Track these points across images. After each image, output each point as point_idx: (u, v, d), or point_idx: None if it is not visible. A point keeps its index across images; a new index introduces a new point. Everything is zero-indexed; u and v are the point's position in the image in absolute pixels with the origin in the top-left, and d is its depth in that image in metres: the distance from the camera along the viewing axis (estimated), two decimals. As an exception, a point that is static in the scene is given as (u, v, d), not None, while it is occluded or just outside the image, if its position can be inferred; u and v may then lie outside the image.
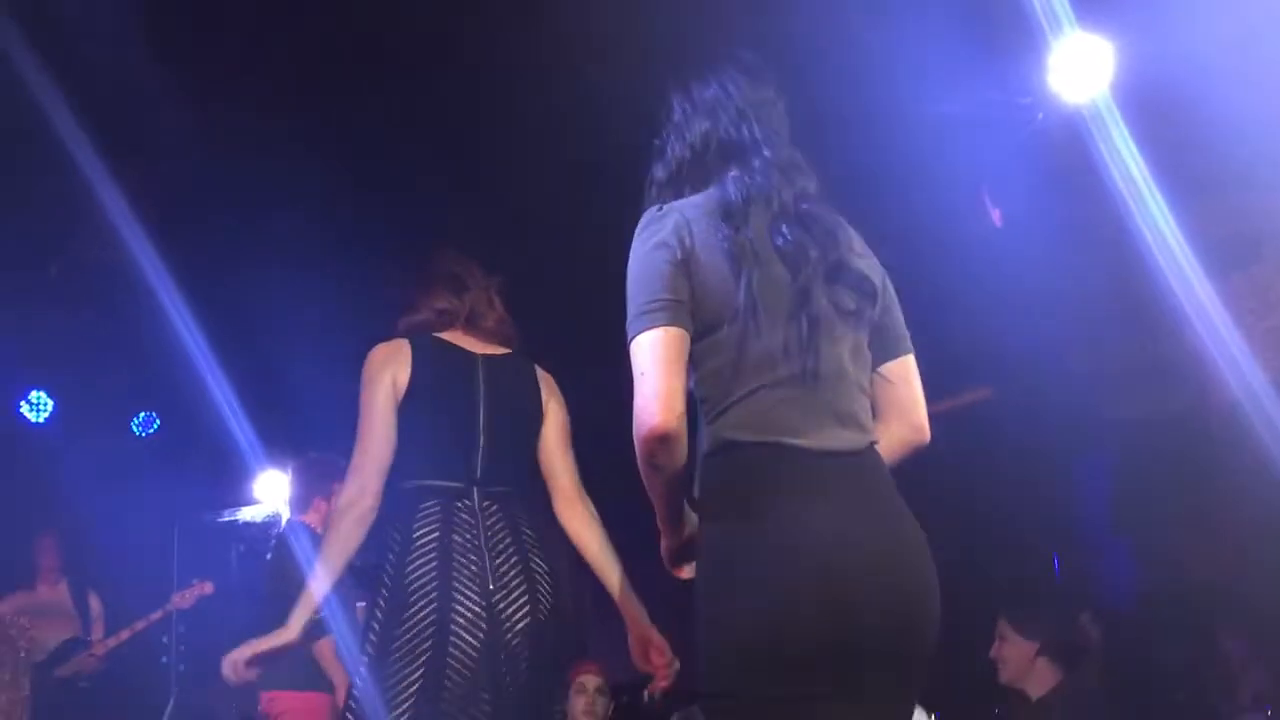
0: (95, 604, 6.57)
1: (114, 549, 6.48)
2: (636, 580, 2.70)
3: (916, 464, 2.05)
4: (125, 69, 4.03)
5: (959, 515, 5.72)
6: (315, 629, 4.22)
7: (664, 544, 2.09)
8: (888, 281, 2.06)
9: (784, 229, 1.93)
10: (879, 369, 2.02)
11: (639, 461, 1.88)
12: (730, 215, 1.93)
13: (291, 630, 2.64)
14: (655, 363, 1.84)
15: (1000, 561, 5.67)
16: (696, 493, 1.92)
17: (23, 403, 7.12)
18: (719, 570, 1.81)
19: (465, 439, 2.76)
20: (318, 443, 5.63)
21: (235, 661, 2.68)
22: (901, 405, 2.03)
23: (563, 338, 3.68)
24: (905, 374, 2.04)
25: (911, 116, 4.16)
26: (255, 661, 2.70)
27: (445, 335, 2.87)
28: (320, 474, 4.92)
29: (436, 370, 2.78)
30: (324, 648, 4.65)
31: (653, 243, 1.91)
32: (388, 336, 2.83)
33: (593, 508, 2.87)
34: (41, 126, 4.23)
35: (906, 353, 2.05)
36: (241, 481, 6.60)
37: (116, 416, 7.42)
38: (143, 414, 7.48)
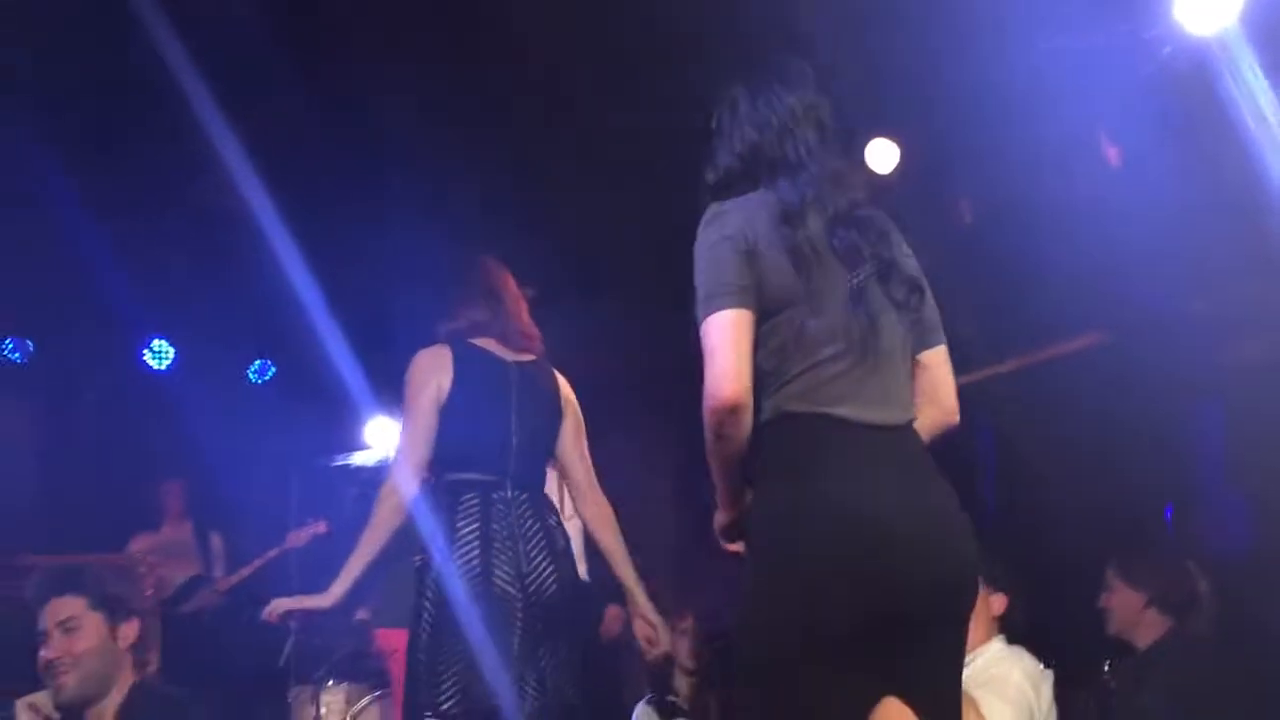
0: (217, 543, 6.83)
1: (234, 492, 6.71)
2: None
3: (1028, 412, 2.13)
4: (243, 15, 4.11)
5: (1072, 463, 5.62)
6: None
7: (721, 518, 2.23)
8: (924, 279, 2.26)
9: (840, 231, 2.12)
10: (917, 356, 2.21)
11: (707, 432, 2.06)
12: (789, 218, 2.10)
13: (331, 596, 3.08)
14: (724, 342, 2.03)
15: (1114, 510, 5.56)
16: (754, 462, 2.09)
17: (145, 351, 7.36)
18: (775, 529, 2.00)
19: (500, 438, 3.11)
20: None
21: (276, 609, 3.19)
22: (935, 390, 2.23)
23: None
24: (939, 361, 2.24)
25: (1031, 50, 4.04)
26: (293, 615, 3.30)
27: (480, 342, 3.20)
28: None
29: (475, 376, 3.14)
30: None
31: (719, 235, 2.09)
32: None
33: (605, 499, 3.27)
34: (161, 75, 4.33)
35: (940, 343, 2.25)
36: (354, 427, 6.75)
37: (234, 364, 7.63)
38: (259, 361, 7.69)
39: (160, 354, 7.38)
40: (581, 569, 3.70)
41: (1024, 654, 2.98)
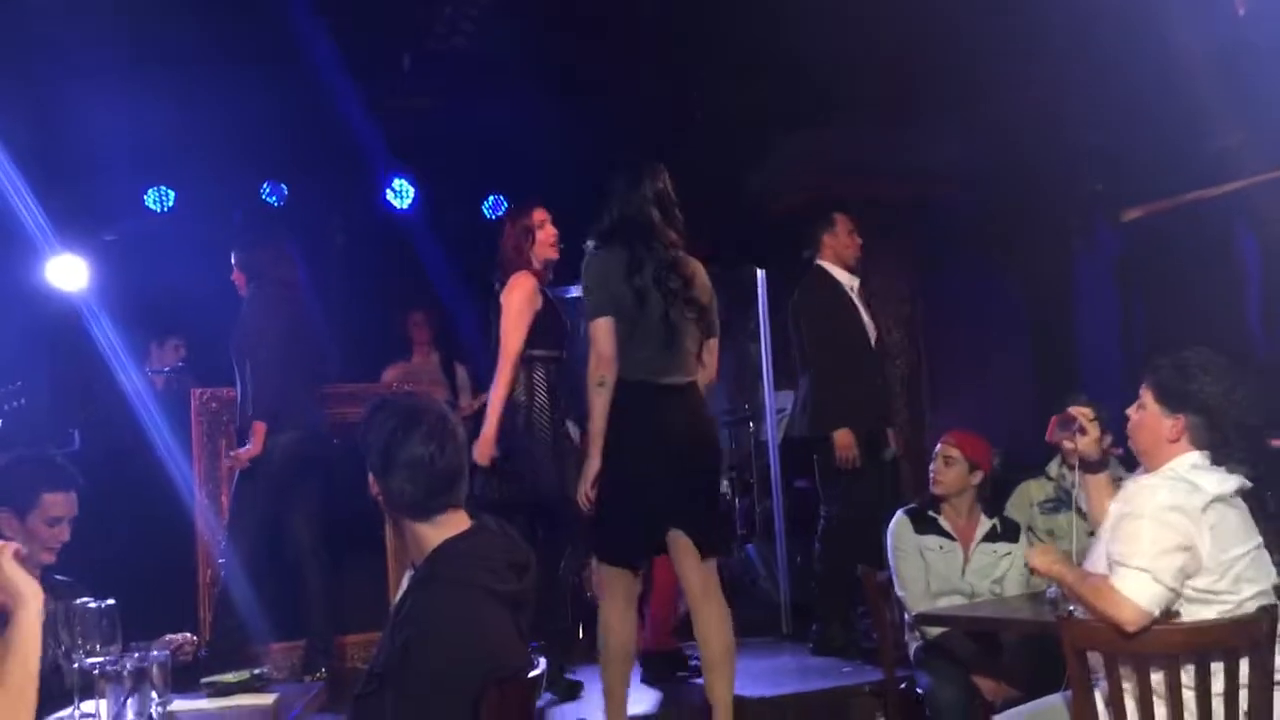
0: (462, 373, 7.21)
1: (476, 324, 7.01)
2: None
3: None
4: None
5: None
6: None
7: (595, 464, 3.86)
8: (714, 297, 4.10)
9: (663, 275, 3.90)
10: (705, 343, 4.05)
11: (590, 384, 3.86)
12: (632, 269, 3.87)
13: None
14: (603, 335, 3.85)
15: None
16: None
17: (388, 190, 7.68)
18: (623, 433, 3.82)
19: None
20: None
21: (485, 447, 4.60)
22: (709, 362, 4.09)
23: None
24: (712, 347, 4.11)
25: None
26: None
27: None
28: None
29: None
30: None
31: (601, 267, 3.91)
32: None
33: None
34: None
35: (714, 335, 4.11)
36: (579, 260, 6.89)
37: (468, 200, 7.87)
38: (491, 197, 7.90)
39: (401, 193, 7.68)
40: None
41: (1198, 476, 2.80)
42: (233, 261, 5.16)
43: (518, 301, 4.70)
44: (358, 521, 5.23)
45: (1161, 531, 2.69)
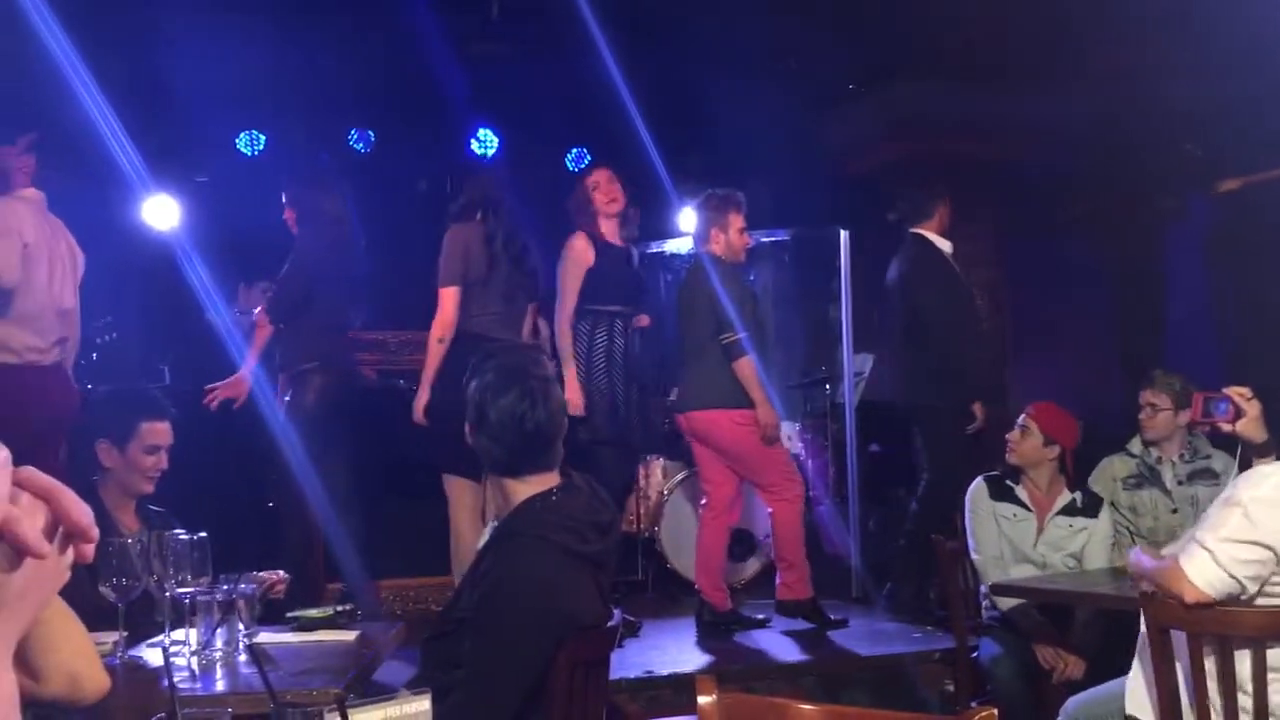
0: (541, 325, 7.24)
1: (554, 274, 7.04)
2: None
3: None
4: None
5: None
6: (733, 349, 4.67)
7: (424, 396, 4.88)
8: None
9: (509, 246, 4.97)
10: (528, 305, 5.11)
11: (433, 341, 4.90)
12: (488, 239, 4.95)
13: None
14: (449, 298, 4.89)
15: None
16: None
17: (472, 140, 7.72)
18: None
19: None
20: (728, 178, 5.76)
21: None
22: (534, 322, 5.22)
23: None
24: (534, 308, 5.19)
25: None
26: None
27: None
28: (714, 207, 5.18)
29: None
30: (743, 366, 4.97)
31: (456, 237, 4.94)
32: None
33: None
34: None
35: (536, 299, 5.18)
36: (666, 214, 6.87)
37: (552, 152, 7.88)
38: (574, 150, 7.90)
39: (485, 143, 7.71)
40: None
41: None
42: (283, 199, 5.28)
43: (568, 262, 5.20)
44: (411, 467, 5.38)
45: (1245, 523, 2.64)
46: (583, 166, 7.69)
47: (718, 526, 5.26)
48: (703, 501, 5.38)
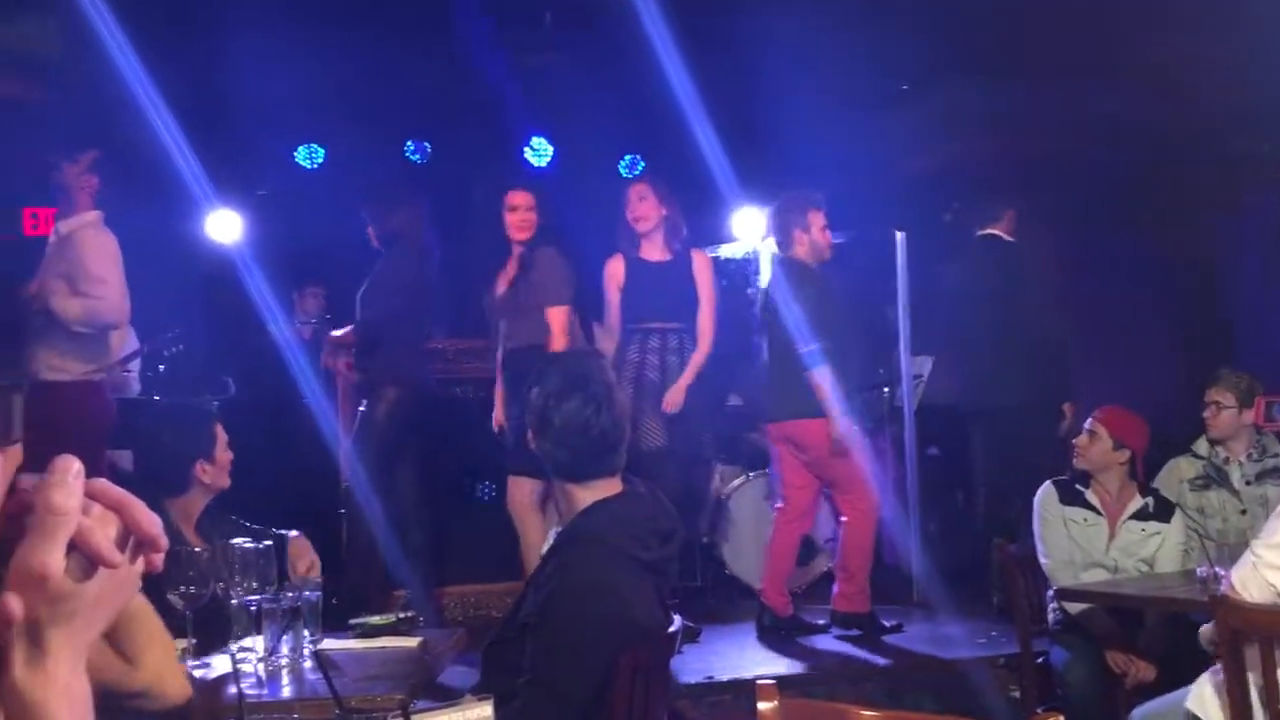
0: (596, 330, 7.26)
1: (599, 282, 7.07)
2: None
3: None
4: None
5: None
6: (808, 359, 4.61)
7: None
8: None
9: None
10: None
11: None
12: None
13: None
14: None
15: None
16: None
17: (526, 149, 7.76)
18: None
19: None
20: (794, 179, 5.74)
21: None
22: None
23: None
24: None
25: None
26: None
27: None
28: (793, 208, 5.15)
29: None
30: (815, 378, 4.94)
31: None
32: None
33: None
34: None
35: None
36: (721, 219, 6.86)
37: (606, 160, 7.90)
38: (628, 156, 7.91)
39: (540, 151, 7.75)
40: None
41: None
42: (365, 218, 5.32)
43: (606, 285, 5.35)
44: (471, 474, 5.42)
45: None
46: (635, 174, 7.72)
47: (791, 531, 5.25)
48: (778, 505, 5.36)
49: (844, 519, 5.20)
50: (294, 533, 3.19)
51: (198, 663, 2.58)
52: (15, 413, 0.85)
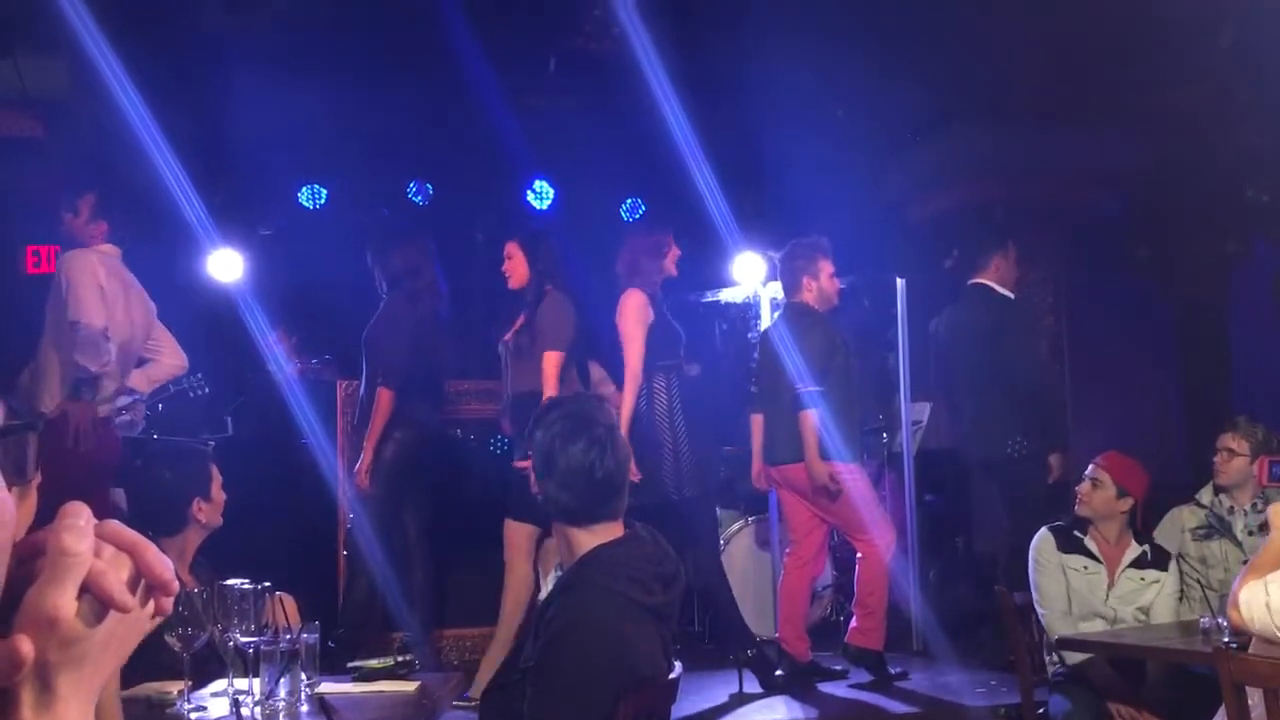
0: (598, 372, 7.25)
1: (611, 321, 7.06)
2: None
3: None
4: None
5: None
6: (804, 400, 4.59)
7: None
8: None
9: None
10: None
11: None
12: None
13: None
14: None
15: None
16: None
17: (528, 192, 7.79)
18: None
19: None
20: (812, 225, 5.75)
21: None
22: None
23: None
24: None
25: None
26: None
27: None
28: (803, 255, 5.16)
29: None
30: (806, 419, 4.92)
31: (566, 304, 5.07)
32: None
33: None
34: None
35: None
36: (722, 263, 6.88)
37: (607, 203, 7.93)
38: (629, 200, 7.94)
39: (541, 194, 7.78)
40: None
41: None
42: (369, 261, 5.32)
43: (632, 320, 5.03)
44: (470, 516, 5.39)
45: None
46: (637, 216, 7.75)
47: (802, 576, 5.23)
48: (788, 550, 5.33)
49: (859, 556, 5.20)
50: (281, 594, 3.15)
51: (194, 705, 2.56)
52: (30, 451, 0.85)
